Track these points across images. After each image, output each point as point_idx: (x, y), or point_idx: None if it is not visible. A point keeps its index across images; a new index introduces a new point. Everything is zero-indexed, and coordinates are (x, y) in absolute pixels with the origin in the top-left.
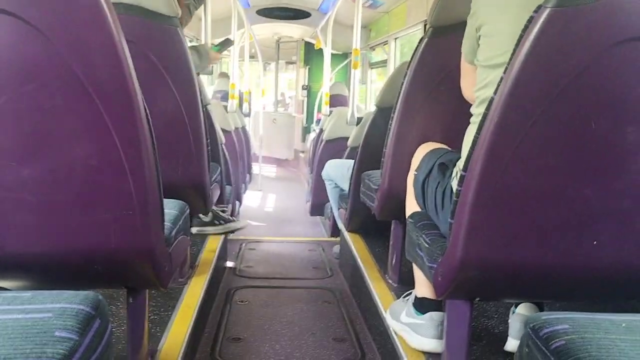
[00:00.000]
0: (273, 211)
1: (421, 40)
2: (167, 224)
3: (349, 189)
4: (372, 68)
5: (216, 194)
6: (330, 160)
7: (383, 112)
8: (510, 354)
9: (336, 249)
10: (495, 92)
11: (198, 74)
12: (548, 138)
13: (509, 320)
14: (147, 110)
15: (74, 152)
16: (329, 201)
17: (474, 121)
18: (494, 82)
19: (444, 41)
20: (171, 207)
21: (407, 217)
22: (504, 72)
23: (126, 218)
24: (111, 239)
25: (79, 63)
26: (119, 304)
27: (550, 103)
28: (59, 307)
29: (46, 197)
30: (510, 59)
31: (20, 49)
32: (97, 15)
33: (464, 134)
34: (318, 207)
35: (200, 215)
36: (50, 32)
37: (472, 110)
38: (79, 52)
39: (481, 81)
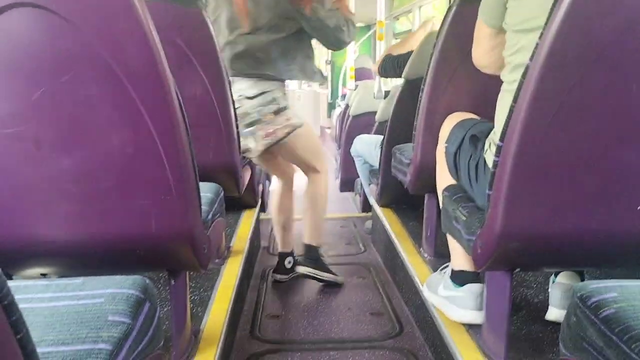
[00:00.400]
0: (303, 189)
1: (449, 8)
2: (203, 207)
3: (379, 164)
4: (396, 38)
5: (247, 175)
6: (358, 136)
7: (411, 84)
8: (552, 322)
9: (368, 224)
10: (531, 59)
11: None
12: (587, 104)
13: (549, 289)
14: (180, 96)
15: (110, 141)
16: (358, 177)
17: (507, 89)
18: (527, 48)
19: (473, 9)
20: (206, 191)
21: (441, 190)
22: (540, 38)
23: (165, 203)
24: (151, 224)
25: (111, 53)
26: (159, 286)
27: (588, 67)
28: (110, 292)
29: (87, 186)
30: (546, 23)
31: (53, 41)
32: (126, 4)
33: (494, 103)
34: (347, 183)
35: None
36: (81, 23)
37: (504, 77)
38: (110, 42)
39: (512, 46)
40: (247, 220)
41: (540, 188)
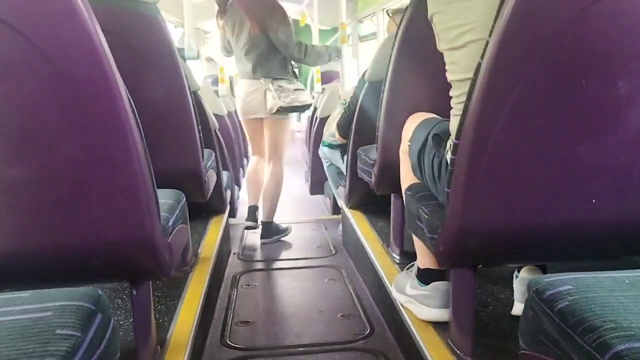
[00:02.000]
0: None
1: (406, 10)
2: (163, 214)
3: (346, 165)
4: (362, 41)
5: (213, 180)
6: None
7: (373, 86)
8: (518, 317)
9: (341, 227)
10: (481, 57)
11: (184, 60)
12: (538, 99)
13: (514, 285)
14: (132, 101)
15: (60, 150)
16: (327, 179)
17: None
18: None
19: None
20: (167, 197)
21: (404, 189)
22: (489, 36)
23: (120, 211)
24: (107, 233)
25: (56, 58)
26: (124, 296)
27: (537, 63)
28: (59, 305)
29: (37, 197)
30: (495, 22)
31: None
32: (70, 8)
33: None
34: (317, 185)
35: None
36: (24, 28)
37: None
38: (55, 47)
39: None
40: (215, 227)
41: (496, 184)
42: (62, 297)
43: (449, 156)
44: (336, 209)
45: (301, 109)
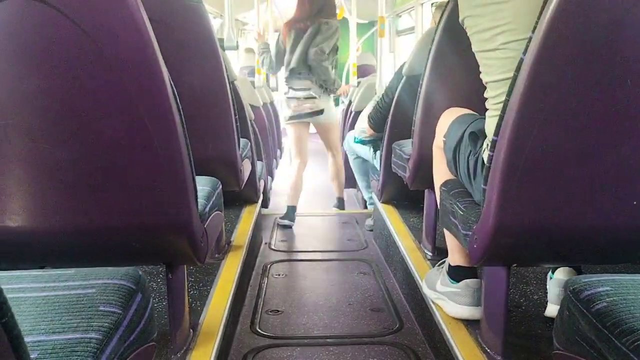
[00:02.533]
0: (305, 185)
1: (447, 5)
2: (200, 200)
3: (380, 160)
4: (399, 35)
5: (247, 170)
6: (350, 132)
7: (411, 80)
8: (550, 319)
9: (369, 221)
10: (524, 53)
11: (223, 50)
12: (581, 98)
13: (547, 286)
14: (174, 88)
15: (104, 132)
16: None
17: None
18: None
19: None
20: (204, 184)
21: (438, 184)
22: (532, 32)
23: (159, 195)
24: (146, 216)
25: (104, 44)
26: (159, 280)
27: (580, 62)
28: (102, 283)
29: (80, 177)
30: (538, 18)
31: (46, 32)
32: None
33: None
34: (350, 179)
35: None
36: (74, 15)
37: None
38: (103, 33)
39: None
40: (248, 216)
41: (534, 183)
42: (105, 276)
43: (485, 155)
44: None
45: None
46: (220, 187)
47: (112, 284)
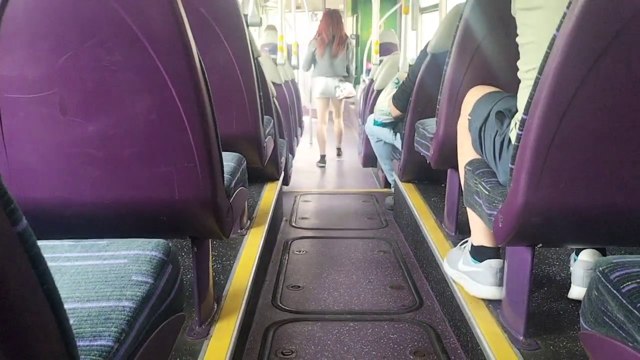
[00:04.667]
0: (325, 163)
1: None
2: (226, 175)
3: (402, 138)
4: (422, 13)
5: (270, 147)
6: (371, 115)
7: (436, 58)
8: (574, 301)
9: (389, 200)
10: (557, 30)
11: (247, 26)
12: (613, 75)
13: (571, 268)
14: (203, 64)
15: (134, 107)
16: None
17: (520, 72)
18: (531, 26)
19: None
20: (229, 160)
21: (463, 163)
22: (567, 8)
23: (188, 170)
24: (174, 190)
25: (135, 19)
26: (183, 254)
27: (615, 37)
28: (134, 254)
29: (111, 151)
30: None
31: (78, 7)
32: None
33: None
34: (370, 158)
35: None
36: None
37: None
38: (135, 9)
39: (519, 26)
40: (269, 193)
41: (564, 162)
42: (137, 247)
43: (513, 134)
44: (387, 183)
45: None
46: (245, 163)
47: (144, 255)
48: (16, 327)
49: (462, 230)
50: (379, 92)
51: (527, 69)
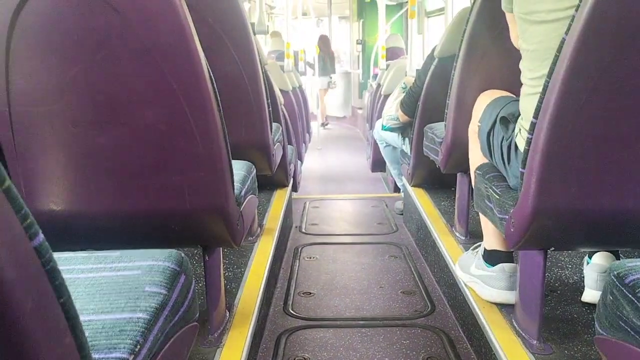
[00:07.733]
0: (334, 169)
1: None
2: (236, 184)
3: (410, 143)
4: (428, 17)
5: (279, 154)
6: (379, 120)
7: (443, 62)
8: (588, 304)
9: (398, 204)
10: (566, 33)
11: (254, 34)
12: (623, 81)
13: (584, 271)
14: (211, 74)
15: (144, 118)
16: None
17: (523, 78)
18: (532, 33)
19: None
20: (239, 168)
21: (473, 168)
22: (576, 10)
23: (198, 179)
24: (185, 199)
25: (144, 31)
26: (194, 262)
27: (624, 45)
28: (147, 265)
29: (122, 163)
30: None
31: (88, 19)
32: None
33: None
34: (379, 163)
35: None
36: (115, 2)
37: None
38: (143, 21)
39: (521, 32)
40: (279, 199)
41: (575, 165)
42: (150, 258)
43: (520, 141)
44: (397, 187)
45: None
46: (255, 171)
47: (157, 266)
48: (33, 340)
49: (473, 235)
50: (386, 96)
51: (532, 76)
